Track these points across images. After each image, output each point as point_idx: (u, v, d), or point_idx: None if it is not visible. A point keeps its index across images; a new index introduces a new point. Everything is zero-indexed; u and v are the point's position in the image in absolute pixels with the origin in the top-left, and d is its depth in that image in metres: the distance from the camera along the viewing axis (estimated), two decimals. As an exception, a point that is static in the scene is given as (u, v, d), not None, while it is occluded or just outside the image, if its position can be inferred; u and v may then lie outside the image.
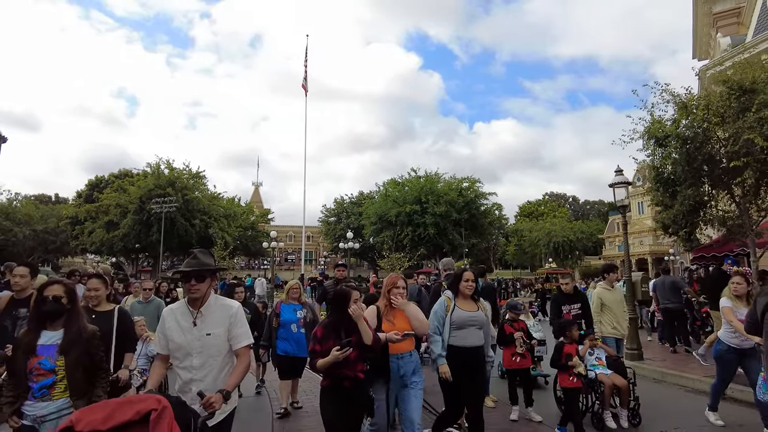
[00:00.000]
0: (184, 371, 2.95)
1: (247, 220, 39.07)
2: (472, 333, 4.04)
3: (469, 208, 33.40)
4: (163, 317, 3.09)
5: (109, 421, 2.17)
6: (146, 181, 32.01)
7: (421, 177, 35.32)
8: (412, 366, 3.76)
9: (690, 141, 8.33)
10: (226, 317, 3.03)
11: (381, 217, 33.81)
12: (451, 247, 33.59)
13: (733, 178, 7.72)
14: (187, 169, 33.57)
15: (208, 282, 3.03)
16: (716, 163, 7.94)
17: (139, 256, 36.64)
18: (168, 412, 2.30)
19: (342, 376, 3.37)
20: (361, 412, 3.54)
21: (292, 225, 57.60)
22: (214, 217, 32.84)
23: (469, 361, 3.99)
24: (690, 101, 8.64)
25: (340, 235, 39.98)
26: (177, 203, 29.74)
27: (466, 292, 4.15)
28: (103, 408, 2.30)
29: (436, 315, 4.13)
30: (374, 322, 3.72)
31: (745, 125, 7.50)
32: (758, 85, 8.02)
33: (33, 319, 3.24)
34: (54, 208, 52.88)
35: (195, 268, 2.97)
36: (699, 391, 6.53)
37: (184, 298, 3.15)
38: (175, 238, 30.64)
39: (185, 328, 2.97)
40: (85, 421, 2.19)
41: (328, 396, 3.46)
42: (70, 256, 57.89)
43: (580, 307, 5.86)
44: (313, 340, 3.53)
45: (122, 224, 31.33)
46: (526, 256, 53.45)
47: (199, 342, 2.94)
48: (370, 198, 40.84)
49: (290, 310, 6.09)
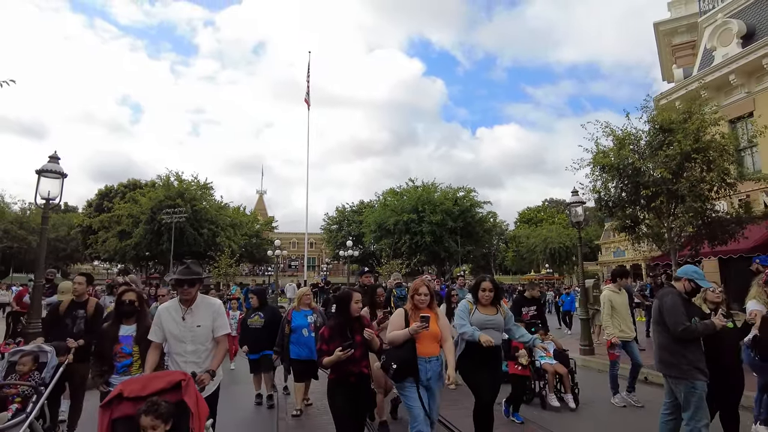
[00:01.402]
0: (179, 356, 3.62)
1: (252, 228, 41.06)
2: (490, 334, 4.25)
3: (464, 216, 35.22)
4: (158, 313, 3.75)
5: (145, 389, 2.85)
6: (157, 192, 34.09)
7: (418, 187, 37.24)
8: (437, 370, 3.94)
9: (623, 170, 10.25)
10: (210, 312, 3.75)
11: (380, 225, 35.67)
12: (447, 254, 35.42)
13: (651, 202, 9.64)
14: (195, 181, 35.66)
15: (197, 287, 3.74)
16: (639, 189, 9.85)
17: (149, 263, 38.67)
18: (192, 382, 3.00)
19: (348, 371, 3.78)
20: (367, 403, 3.96)
21: (295, 232, 59.69)
22: (221, 226, 34.84)
23: (485, 357, 4.21)
24: (624, 137, 10.56)
25: (341, 242, 41.93)
26: (186, 213, 31.76)
27: (483, 302, 4.43)
28: (140, 380, 3.01)
29: (459, 314, 4.46)
30: (402, 323, 3.98)
31: (659, 161, 9.43)
32: (674, 125, 9.94)
33: (115, 316, 4.29)
34: (64, 216, 55.20)
35: (188, 277, 3.66)
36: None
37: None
38: (184, 246, 32.61)
39: (179, 322, 3.64)
40: (129, 389, 2.88)
41: (335, 389, 3.85)
42: (80, 263, 60.25)
43: (536, 309, 7.20)
44: (321, 339, 3.97)
45: (135, 234, 33.39)
46: (524, 262, 55.13)
47: (191, 333, 3.63)
48: (370, 206, 42.77)
49: (301, 316, 6.45)
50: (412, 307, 4.07)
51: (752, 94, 13.15)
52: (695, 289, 4.32)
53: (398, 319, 4.00)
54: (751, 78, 13.16)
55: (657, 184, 9.37)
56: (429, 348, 3.87)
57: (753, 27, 13.62)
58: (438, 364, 3.94)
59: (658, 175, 9.28)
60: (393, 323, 4.05)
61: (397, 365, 3.72)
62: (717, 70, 13.45)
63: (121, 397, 2.87)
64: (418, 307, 4.04)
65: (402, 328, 3.89)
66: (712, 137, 9.89)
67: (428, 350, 3.86)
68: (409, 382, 3.77)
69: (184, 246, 32.74)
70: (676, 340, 4.11)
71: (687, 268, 4.44)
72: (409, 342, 3.81)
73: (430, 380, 3.85)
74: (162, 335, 3.64)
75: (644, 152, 10.22)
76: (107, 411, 2.88)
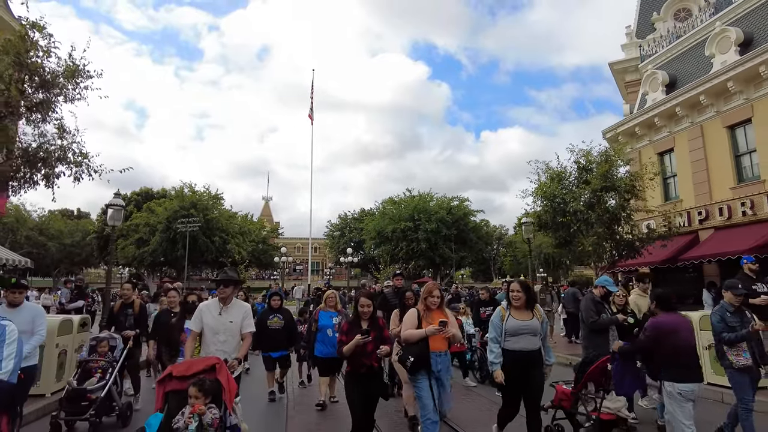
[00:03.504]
0: (212, 344, 4.46)
1: (259, 235, 44.46)
2: (526, 339, 4.43)
3: (458, 224, 38.37)
4: (200, 308, 4.69)
5: (189, 370, 3.73)
6: (172, 202, 37.53)
7: (415, 196, 40.45)
8: (446, 364, 4.42)
9: (554, 201, 13.47)
10: (241, 312, 4.66)
11: (379, 232, 38.84)
12: (442, 259, 38.59)
13: (570, 227, 12.85)
14: (207, 192, 39.15)
15: (232, 288, 4.66)
16: (566, 216, 13.05)
17: (163, 268, 42.14)
18: (225, 366, 3.85)
19: (360, 363, 4.32)
20: (377, 393, 4.45)
21: (299, 237, 63.23)
22: (231, 234, 38.22)
23: (522, 363, 4.39)
24: (556, 173, 13.75)
25: (343, 248, 45.22)
26: (199, 223, 35.15)
27: (513, 303, 4.55)
28: (185, 363, 3.91)
29: (493, 324, 4.60)
30: (415, 323, 4.43)
31: (577, 195, 12.63)
32: (592, 164, 13.12)
33: (181, 312, 5.92)
34: (78, 223, 58.87)
35: (225, 278, 4.66)
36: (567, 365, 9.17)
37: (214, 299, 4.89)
38: (197, 253, 36.00)
39: (215, 316, 4.53)
40: (177, 370, 3.78)
41: (349, 379, 4.41)
42: (93, 268, 64.05)
43: (492, 308, 7.94)
44: (340, 332, 4.58)
45: (152, 241, 36.84)
46: (520, 267, 58.11)
47: (224, 326, 4.50)
48: (370, 214, 46.04)
49: (327, 317, 6.98)
50: (424, 307, 4.52)
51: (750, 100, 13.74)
52: (607, 294, 6.05)
53: (411, 319, 4.46)
54: (719, 98, 14.47)
55: (574, 213, 12.58)
56: (439, 344, 4.33)
57: (751, 35, 14.26)
58: (447, 359, 4.46)
59: (576, 207, 12.49)
60: (406, 322, 4.50)
61: (413, 359, 4.22)
62: (645, 114, 16.62)
63: (171, 376, 3.76)
64: (430, 308, 4.51)
65: (415, 327, 4.39)
66: (624, 174, 13.08)
67: (439, 346, 4.33)
68: (422, 375, 4.27)
69: (197, 253, 36.12)
70: (589, 331, 5.76)
71: (601, 278, 6.33)
72: (422, 340, 4.29)
73: (440, 372, 4.33)
74: (200, 326, 4.55)
75: (571, 187, 13.43)
76: (162, 386, 3.79)
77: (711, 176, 14.75)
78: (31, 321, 4.85)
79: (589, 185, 12.51)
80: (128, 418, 5.91)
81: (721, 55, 14.43)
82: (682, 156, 15.86)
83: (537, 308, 4.61)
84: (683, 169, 15.80)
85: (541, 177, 14.11)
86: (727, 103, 14.17)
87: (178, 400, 3.60)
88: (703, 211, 14.72)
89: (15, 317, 4.67)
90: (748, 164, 13.90)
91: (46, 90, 7.06)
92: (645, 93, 17.46)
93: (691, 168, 15.39)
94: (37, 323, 4.86)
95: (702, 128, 15.08)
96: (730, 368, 5.04)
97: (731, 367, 5.02)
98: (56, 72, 6.98)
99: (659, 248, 13.81)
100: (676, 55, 16.93)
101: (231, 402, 3.75)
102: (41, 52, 6.73)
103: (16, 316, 4.75)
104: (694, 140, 15.27)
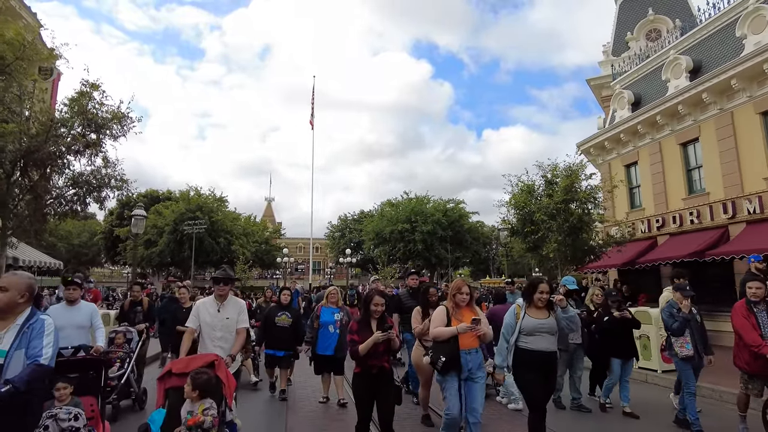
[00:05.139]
0: (210, 341, 4.69)
1: (262, 236, 46.67)
2: (543, 338, 4.37)
3: (453, 226, 40.45)
4: (197, 306, 4.94)
5: (188, 367, 3.90)
6: (179, 205, 39.76)
7: (412, 199, 42.53)
8: (477, 361, 4.34)
9: (523, 210, 15.50)
10: (237, 309, 4.88)
11: (378, 233, 40.96)
12: (438, 260, 40.67)
13: (535, 234, 14.88)
14: (212, 195, 41.36)
15: (229, 286, 4.95)
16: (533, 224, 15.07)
17: (169, 269, 44.42)
18: (222, 362, 4.07)
19: (372, 365, 4.38)
20: (388, 394, 4.44)
21: (301, 237, 65.43)
22: (235, 235, 40.41)
23: (539, 364, 4.34)
24: (526, 186, 15.77)
25: (343, 248, 47.45)
26: (205, 225, 37.32)
27: (538, 305, 4.48)
28: (184, 361, 4.10)
29: (507, 325, 4.51)
30: (444, 320, 4.38)
31: (541, 206, 14.64)
32: (557, 178, 15.12)
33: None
34: (85, 224, 61.23)
35: (224, 276, 4.93)
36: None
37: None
38: (203, 254, 38.20)
39: (212, 314, 4.75)
40: (176, 367, 3.99)
41: (358, 379, 4.49)
42: (99, 267, 66.53)
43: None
44: (350, 332, 4.60)
45: (159, 242, 39.07)
46: (517, 267, 60.13)
47: (221, 323, 4.73)
48: (370, 216, 48.18)
49: (329, 313, 7.10)
50: (452, 305, 4.47)
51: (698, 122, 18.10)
52: (569, 291, 7.00)
53: (440, 316, 4.41)
54: (672, 118, 18.23)
55: (538, 223, 14.61)
56: (469, 341, 4.27)
57: (699, 63, 16.00)
58: (479, 356, 4.38)
59: (540, 217, 14.51)
60: (435, 320, 4.45)
61: (445, 359, 4.15)
62: (613, 129, 18.61)
63: (171, 373, 3.90)
64: (459, 305, 4.44)
65: (444, 324, 4.33)
66: (584, 189, 15.08)
67: (469, 343, 4.27)
68: (451, 376, 4.22)
69: (203, 254, 38.32)
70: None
71: (565, 278, 7.64)
72: (452, 338, 4.22)
73: (471, 370, 4.27)
74: (198, 323, 4.70)
75: (538, 198, 15.46)
76: (162, 382, 3.93)
77: (667, 188, 16.73)
78: (89, 317, 5.48)
79: (551, 198, 14.53)
80: (143, 402, 6.82)
81: (675, 80, 16.39)
82: (644, 169, 17.86)
83: (554, 308, 4.57)
84: (645, 181, 17.81)
85: (514, 189, 16.16)
86: (680, 123, 16.14)
87: (178, 397, 3.84)
88: (660, 219, 16.71)
89: (74, 314, 5.40)
90: (697, 178, 15.89)
91: (98, 131, 9.19)
92: (614, 110, 19.44)
93: (651, 180, 17.39)
94: (95, 318, 5.54)
95: (660, 144, 17.06)
96: (676, 357, 5.88)
97: (676, 357, 5.85)
98: (106, 118, 9.13)
99: (623, 252, 15.89)
100: (640, 76, 18.89)
101: (231, 397, 3.94)
102: (97, 104, 8.88)
103: (76, 313, 5.42)
104: (654, 155, 17.25)
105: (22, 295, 3.20)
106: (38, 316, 3.25)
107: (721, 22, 15.46)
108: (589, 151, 19.74)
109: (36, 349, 3.06)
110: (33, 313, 3.26)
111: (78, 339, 5.12)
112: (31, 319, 3.20)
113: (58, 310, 5.41)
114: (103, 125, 8.73)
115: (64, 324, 5.04)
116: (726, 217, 14.17)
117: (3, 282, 3.20)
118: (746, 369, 5.39)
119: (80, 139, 8.50)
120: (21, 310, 3.20)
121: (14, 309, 3.16)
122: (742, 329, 5.28)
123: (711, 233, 14.51)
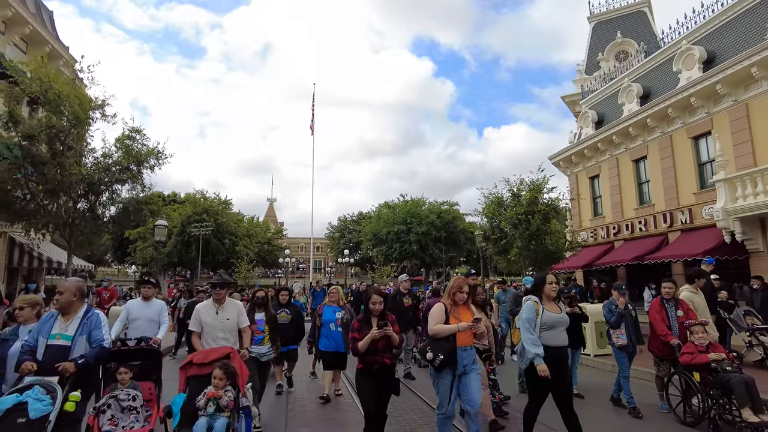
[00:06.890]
0: (213, 341, 5.03)
1: (264, 237, 49.44)
2: (561, 333, 4.61)
3: (447, 227, 43.03)
4: (197, 309, 5.18)
5: (207, 358, 4.45)
6: (186, 208, 42.54)
7: (408, 201, 45.15)
8: (472, 357, 4.58)
9: (492, 219, 18.10)
10: (236, 309, 5.23)
11: (375, 234, 43.58)
12: (432, 259, 43.28)
13: (502, 240, 17.49)
14: (217, 198, 44.15)
15: (226, 289, 5.26)
16: (501, 232, 17.67)
17: (176, 269, 47.26)
18: (237, 354, 4.60)
19: (372, 361, 4.58)
20: (390, 389, 4.68)
21: (302, 237, 68.22)
22: (239, 237, 43.15)
23: (558, 359, 4.52)
24: (496, 198, 18.37)
25: (342, 248, 50.17)
26: (211, 227, 40.04)
27: (551, 294, 4.73)
28: (203, 352, 4.60)
29: (525, 320, 4.63)
30: (442, 317, 4.54)
31: (506, 217, 17.24)
32: (522, 192, 17.69)
33: (249, 306, 6.65)
34: (93, 224, 64.26)
35: (220, 281, 5.29)
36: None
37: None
38: (209, 255, 40.97)
39: (212, 316, 5.10)
40: (196, 358, 4.49)
41: (361, 377, 4.70)
42: (106, 266, 69.50)
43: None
44: (352, 330, 4.82)
45: (168, 244, 41.83)
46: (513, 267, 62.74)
47: (222, 324, 5.10)
48: (368, 217, 50.85)
49: (330, 311, 7.24)
50: (451, 302, 4.63)
51: (711, 115, 20.78)
52: (528, 290, 7.56)
53: (439, 314, 4.55)
54: (626, 138, 20.82)
55: (503, 231, 17.22)
56: (466, 339, 4.49)
57: (649, 90, 19.04)
58: (473, 353, 4.59)
59: (504, 226, 17.11)
60: (433, 316, 4.59)
61: (443, 356, 4.33)
62: (578, 145, 21.17)
63: (191, 363, 4.44)
64: (458, 303, 4.61)
65: (442, 322, 4.48)
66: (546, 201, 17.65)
67: (465, 341, 4.49)
68: (446, 372, 4.40)
69: (209, 255, 41.07)
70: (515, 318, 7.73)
71: (526, 278, 10.67)
72: (451, 335, 4.39)
73: (466, 366, 4.47)
74: (200, 326, 5.05)
75: (505, 209, 18.06)
76: (183, 371, 4.40)
77: (623, 199, 19.31)
78: (158, 313, 6.05)
79: (514, 210, 17.12)
80: (160, 389, 6.53)
81: (628, 104, 18.94)
82: (604, 182, 20.45)
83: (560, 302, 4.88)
84: (605, 192, 20.39)
85: (487, 201, 18.77)
86: (633, 142, 18.71)
87: (197, 384, 4.19)
88: (616, 226, 19.29)
89: (147, 309, 6.02)
90: (646, 191, 18.46)
91: (139, 165, 11.91)
92: (580, 127, 22.00)
93: (610, 192, 19.97)
94: (162, 315, 6.12)
95: (617, 160, 19.62)
96: (613, 346, 6.86)
97: (614, 346, 6.83)
98: (146, 154, 11.84)
99: (586, 254, 18.53)
100: (603, 98, 21.43)
101: (243, 386, 4.36)
102: (138, 144, 11.62)
103: (148, 308, 6.03)
104: (612, 169, 19.82)
105: (74, 295, 4.10)
106: (93, 311, 4.17)
107: (665, 56, 18.00)
108: (559, 164, 22.32)
109: (99, 336, 4.02)
110: (89, 308, 4.17)
111: (148, 330, 5.87)
112: (88, 313, 4.10)
113: (135, 304, 6.24)
114: (143, 161, 11.42)
115: (139, 315, 5.99)
116: (666, 226, 16.76)
117: (60, 288, 4.20)
118: (657, 353, 6.54)
119: (126, 172, 11.23)
120: (77, 306, 4.10)
121: (71, 306, 4.07)
122: (655, 321, 6.43)
123: (654, 239, 17.12)
